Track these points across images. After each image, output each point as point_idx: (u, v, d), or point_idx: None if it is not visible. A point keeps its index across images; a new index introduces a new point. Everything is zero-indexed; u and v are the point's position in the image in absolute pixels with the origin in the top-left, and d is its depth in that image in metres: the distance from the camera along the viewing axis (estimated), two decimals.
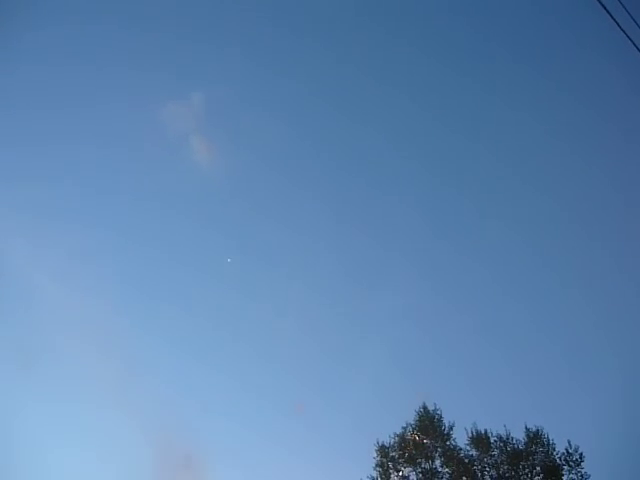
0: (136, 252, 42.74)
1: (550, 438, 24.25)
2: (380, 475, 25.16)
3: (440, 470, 24.79)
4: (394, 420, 26.95)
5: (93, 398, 35.14)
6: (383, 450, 25.49)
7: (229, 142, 44.38)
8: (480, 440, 24.73)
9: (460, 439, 25.11)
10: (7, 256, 34.18)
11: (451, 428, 25.49)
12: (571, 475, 23.44)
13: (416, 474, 24.84)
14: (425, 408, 26.08)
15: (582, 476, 23.32)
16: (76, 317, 38.18)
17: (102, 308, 38.96)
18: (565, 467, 23.55)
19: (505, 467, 24.11)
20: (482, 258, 42.30)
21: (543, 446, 24.17)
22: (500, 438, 24.64)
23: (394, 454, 25.35)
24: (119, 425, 34.09)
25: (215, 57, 41.82)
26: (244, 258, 43.47)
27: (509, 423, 24.85)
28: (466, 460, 24.53)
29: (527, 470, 23.88)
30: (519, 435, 24.56)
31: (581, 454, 23.60)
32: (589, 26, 31.25)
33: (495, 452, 24.47)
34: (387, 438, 25.64)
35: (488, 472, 24.27)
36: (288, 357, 40.90)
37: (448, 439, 25.26)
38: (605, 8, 6.45)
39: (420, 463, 24.94)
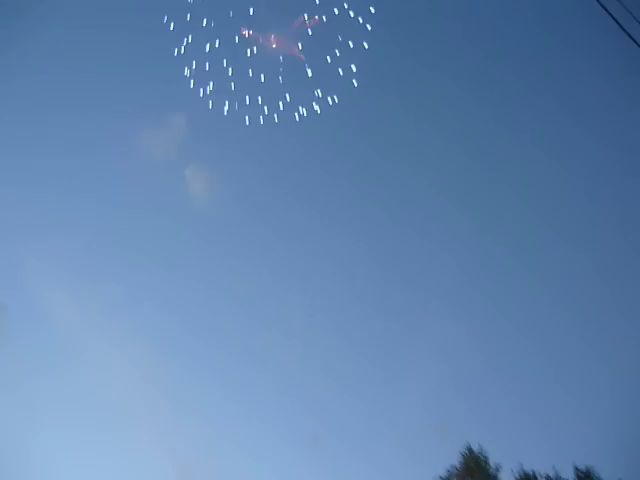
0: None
1: (601, 477, 23.56)
2: None
3: None
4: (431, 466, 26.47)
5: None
6: None
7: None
8: None
9: None
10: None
11: (498, 470, 24.94)
12: None
13: None
14: (470, 449, 25.62)
15: None
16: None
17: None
18: None
19: None
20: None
21: None
22: (548, 478, 24.00)
23: None
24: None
25: None
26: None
27: (557, 462, 24.29)
28: None
29: None
30: (568, 475, 23.95)
31: None
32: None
33: None
34: None
35: None
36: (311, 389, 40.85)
37: None
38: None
39: None
